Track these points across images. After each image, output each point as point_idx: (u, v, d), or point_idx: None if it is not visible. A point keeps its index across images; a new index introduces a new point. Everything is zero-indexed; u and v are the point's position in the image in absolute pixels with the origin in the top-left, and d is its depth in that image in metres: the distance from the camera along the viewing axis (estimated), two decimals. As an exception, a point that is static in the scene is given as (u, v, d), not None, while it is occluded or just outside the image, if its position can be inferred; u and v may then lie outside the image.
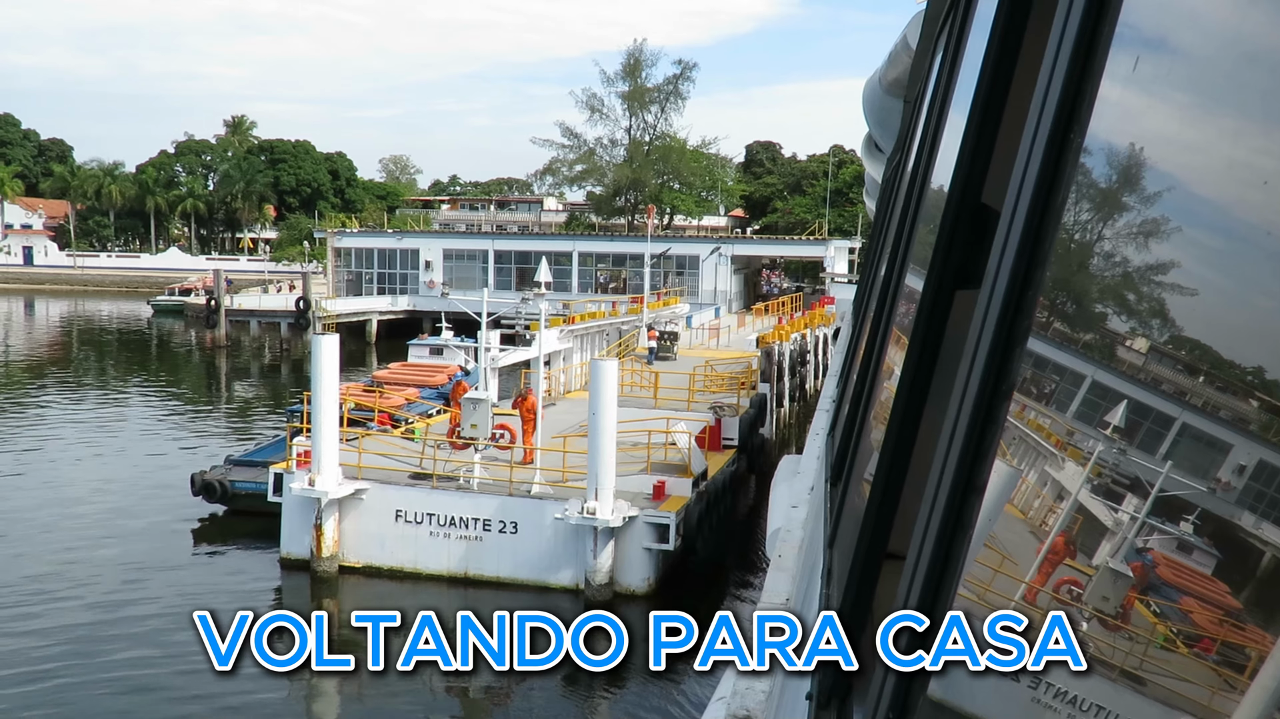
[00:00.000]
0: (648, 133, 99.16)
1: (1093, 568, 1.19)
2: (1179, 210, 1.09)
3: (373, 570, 23.48)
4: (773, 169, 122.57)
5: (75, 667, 19.21)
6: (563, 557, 22.48)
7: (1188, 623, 0.94)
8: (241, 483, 27.42)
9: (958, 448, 1.66)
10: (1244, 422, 0.87)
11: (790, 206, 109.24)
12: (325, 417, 22.75)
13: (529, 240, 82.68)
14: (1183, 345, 1.05)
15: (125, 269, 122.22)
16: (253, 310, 73.35)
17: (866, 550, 2.52)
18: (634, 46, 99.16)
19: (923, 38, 5.55)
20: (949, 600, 1.61)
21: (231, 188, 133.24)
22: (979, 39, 2.53)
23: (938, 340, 2.42)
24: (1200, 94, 1.09)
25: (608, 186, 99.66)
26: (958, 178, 2.31)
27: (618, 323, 46.61)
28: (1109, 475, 1.19)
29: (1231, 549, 0.88)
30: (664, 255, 72.36)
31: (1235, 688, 0.81)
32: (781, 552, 4.42)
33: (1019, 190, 1.61)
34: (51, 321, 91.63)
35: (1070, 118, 1.46)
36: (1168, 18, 1.26)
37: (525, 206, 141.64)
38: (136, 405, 49.15)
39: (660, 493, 23.24)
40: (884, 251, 6.19)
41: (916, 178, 4.23)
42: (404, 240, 78.12)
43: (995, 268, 1.67)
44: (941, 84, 3.76)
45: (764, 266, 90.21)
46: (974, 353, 1.68)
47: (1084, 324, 1.38)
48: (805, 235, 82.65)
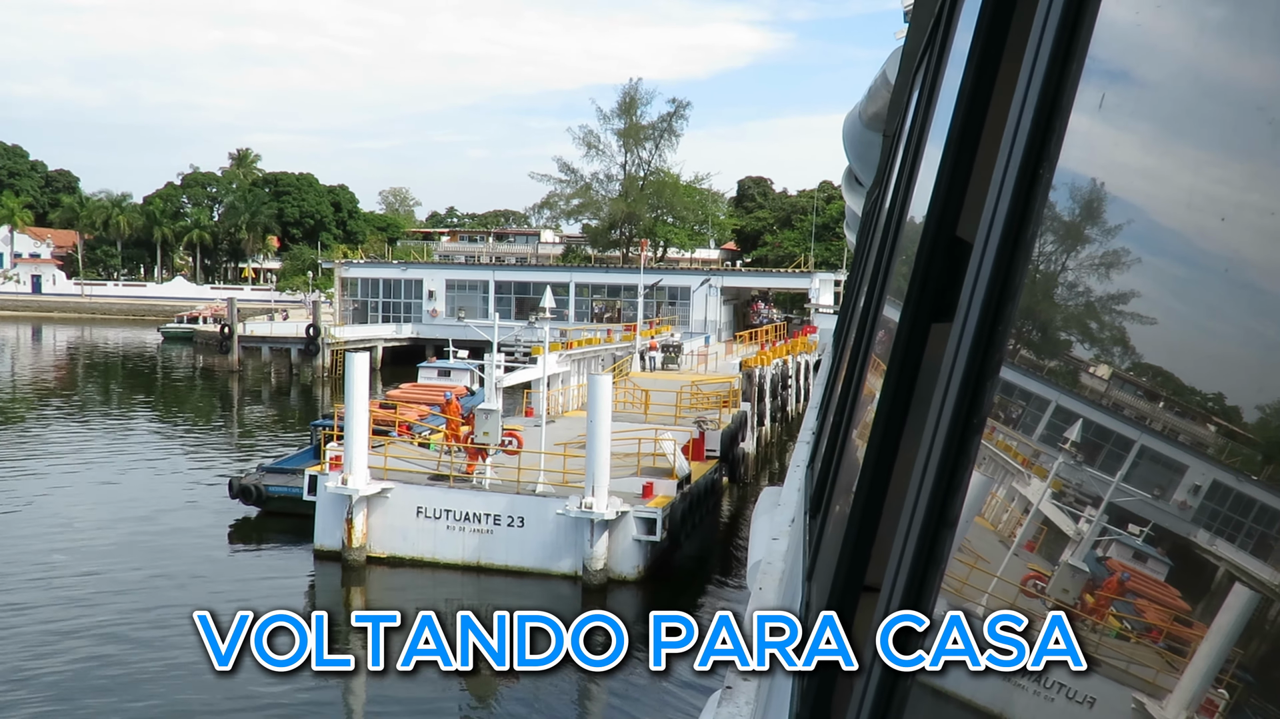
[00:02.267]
0: (642, 168, 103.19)
1: (1066, 590, 1.24)
2: (1140, 242, 1.13)
3: (396, 560, 26.68)
4: (764, 203, 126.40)
5: (135, 649, 21.80)
6: (563, 547, 25.71)
7: (1140, 619, 1.02)
8: (275, 487, 30.66)
9: (929, 483, 1.66)
10: (1201, 444, 0.90)
11: (780, 240, 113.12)
12: (357, 424, 26.06)
13: (528, 272, 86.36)
14: (1145, 372, 1.08)
15: (131, 298, 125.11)
16: (264, 337, 76.62)
17: (844, 583, 2.50)
18: (629, 85, 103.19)
19: (900, 73, 5.63)
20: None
21: (237, 219, 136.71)
22: (954, 74, 2.56)
23: (914, 374, 2.42)
24: (1163, 128, 1.11)
25: (603, 220, 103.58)
26: (933, 211, 2.32)
27: (612, 349, 50.04)
28: (1072, 496, 1.24)
29: (1181, 558, 0.94)
30: (656, 286, 75.92)
31: (1176, 669, 0.90)
32: (762, 584, 4.35)
33: (990, 224, 1.62)
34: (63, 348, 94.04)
35: (1040, 152, 1.47)
36: (1133, 55, 1.28)
37: (523, 239, 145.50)
38: (163, 424, 52.37)
39: (649, 492, 26.52)
40: (863, 284, 6.21)
41: (894, 211, 4.24)
42: (408, 271, 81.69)
43: (967, 301, 1.68)
44: (918, 118, 3.81)
45: (754, 298, 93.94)
46: (946, 387, 1.68)
47: (1056, 356, 1.38)
48: (791, 268, 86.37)
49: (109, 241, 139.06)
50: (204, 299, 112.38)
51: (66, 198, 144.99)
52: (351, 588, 25.98)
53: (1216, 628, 0.83)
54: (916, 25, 4.57)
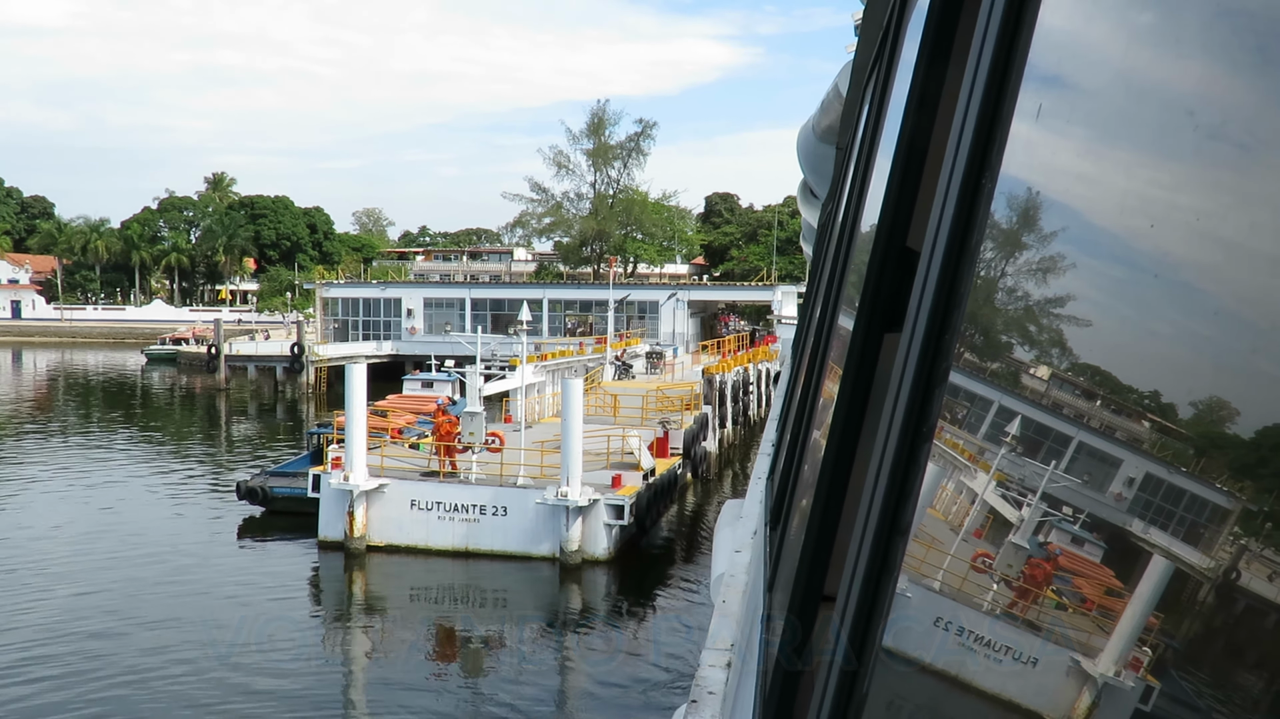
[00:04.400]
0: (611, 187, 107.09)
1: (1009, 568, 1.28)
2: (1079, 246, 1.15)
3: (393, 548, 29.88)
4: (731, 219, 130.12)
5: (169, 621, 24.78)
6: (542, 533, 29.01)
7: (1078, 593, 1.09)
8: (279, 488, 33.83)
9: (881, 492, 1.67)
10: (1137, 440, 0.94)
11: (745, 254, 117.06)
12: (357, 426, 29.30)
13: (502, 289, 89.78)
14: (1085, 372, 1.11)
15: (111, 321, 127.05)
16: (250, 356, 79.51)
17: (803, 594, 2.49)
18: (597, 106, 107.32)
19: (852, 86, 5.64)
20: (876, 643, 1.61)
21: (214, 242, 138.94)
22: (902, 86, 2.56)
23: (867, 384, 2.42)
24: (1098, 134, 1.12)
25: (574, 238, 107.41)
26: (884, 222, 2.33)
27: (584, 360, 53.45)
28: (1016, 489, 1.29)
29: (1114, 544, 1.01)
30: (625, 301, 79.43)
31: (1105, 632, 0.96)
32: (725, 597, 4.34)
33: (936, 234, 1.63)
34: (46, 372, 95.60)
35: (983, 161, 1.48)
36: (1069, 63, 1.29)
37: (496, 257, 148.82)
38: (161, 440, 55.21)
39: (618, 483, 29.88)
40: (818, 297, 6.20)
41: (847, 223, 4.25)
42: (387, 290, 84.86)
43: (915, 311, 1.69)
44: (869, 131, 3.82)
45: (722, 311, 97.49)
46: (896, 396, 1.69)
47: (1004, 362, 1.39)
48: (755, 281, 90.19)
49: (87, 266, 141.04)
50: (183, 321, 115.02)
51: (44, 223, 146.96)
52: (354, 573, 29.12)
53: (1138, 597, 0.90)
54: (866, 39, 4.68)
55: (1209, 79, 0.86)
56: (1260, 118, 0.74)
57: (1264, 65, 0.76)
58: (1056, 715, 1.10)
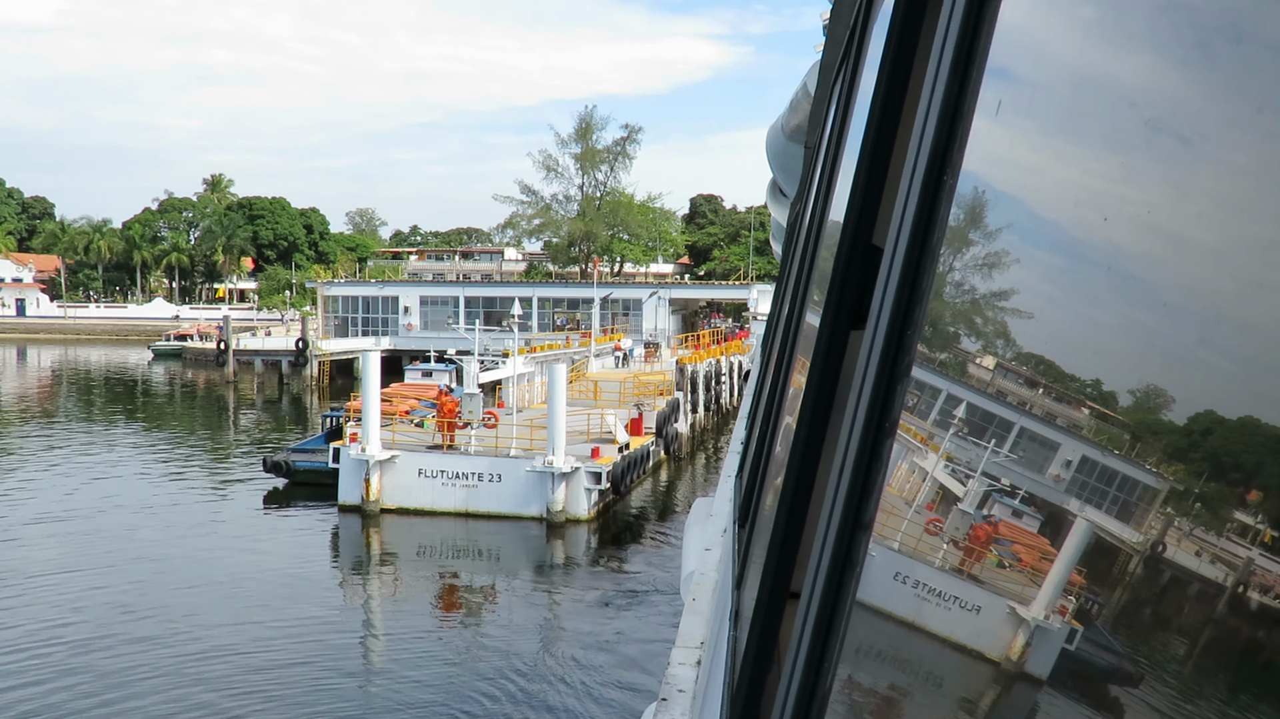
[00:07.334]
0: (599, 189, 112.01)
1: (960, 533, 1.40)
2: (1031, 240, 1.21)
3: (403, 510, 34.71)
4: (714, 220, 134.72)
5: (211, 575, 28.98)
6: (531, 496, 33.88)
7: (1013, 554, 1.22)
8: (300, 462, 38.67)
9: (845, 489, 1.70)
10: (1077, 426, 1.01)
11: (727, 255, 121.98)
12: (372, 405, 34.16)
13: (494, 288, 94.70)
14: (1036, 364, 1.18)
15: (113, 319, 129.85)
16: (257, 350, 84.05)
17: (770, 591, 2.50)
18: (585, 111, 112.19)
19: (819, 85, 5.74)
20: (840, 640, 1.63)
21: (213, 242, 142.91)
22: (868, 85, 2.59)
23: (833, 382, 2.43)
24: (1057, 132, 1.14)
25: (563, 238, 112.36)
26: (849, 220, 2.35)
27: (570, 353, 58.38)
28: (964, 469, 1.39)
29: (1051, 515, 1.11)
30: (609, 299, 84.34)
31: (1037, 584, 1.08)
32: (695, 594, 4.36)
33: (898, 230, 1.64)
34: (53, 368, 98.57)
35: (944, 158, 1.50)
36: (1029, 60, 1.33)
37: (488, 256, 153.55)
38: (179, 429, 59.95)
39: (596, 454, 34.82)
40: (786, 295, 6.13)
41: (815, 221, 4.29)
42: (385, 289, 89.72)
43: (879, 308, 1.70)
44: (836, 130, 3.86)
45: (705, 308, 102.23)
46: (859, 394, 1.71)
47: (967, 359, 1.42)
48: (732, 280, 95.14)
49: (90, 265, 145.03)
50: (185, 318, 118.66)
51: (47, 224, 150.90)
52: (370, 532, 33.90)
53: (1063, 556, 1.02)
54: (833, 38, 4.74)
55: (1162, 76, 0.89)
56: (1212, 114, 0.78)
57: (1213, 63, 0.80)
58: (997, 655, 1.18)
